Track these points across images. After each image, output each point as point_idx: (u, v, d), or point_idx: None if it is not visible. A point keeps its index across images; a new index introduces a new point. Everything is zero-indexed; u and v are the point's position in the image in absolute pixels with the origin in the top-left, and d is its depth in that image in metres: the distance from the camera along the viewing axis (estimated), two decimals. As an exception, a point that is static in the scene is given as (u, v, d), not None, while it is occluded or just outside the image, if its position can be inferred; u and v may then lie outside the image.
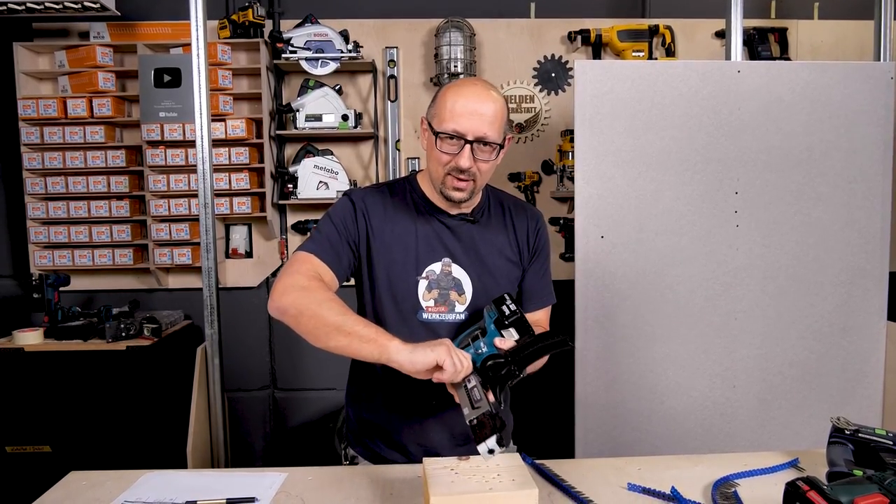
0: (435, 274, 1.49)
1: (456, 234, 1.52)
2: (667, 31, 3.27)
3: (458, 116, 1.38)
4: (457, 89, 1.41)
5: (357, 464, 1.60)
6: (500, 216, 1.59)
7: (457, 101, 1.39)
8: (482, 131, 1.38)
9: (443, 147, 1.41)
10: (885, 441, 1.25)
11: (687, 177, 2.32)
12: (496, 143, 1.41)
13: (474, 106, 1.38)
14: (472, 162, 1.40)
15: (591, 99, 2.29)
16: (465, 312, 1.49)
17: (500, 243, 1.55)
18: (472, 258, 1.51)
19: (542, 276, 1.61)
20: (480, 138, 1.39)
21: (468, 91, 1.40)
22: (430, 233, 1.50)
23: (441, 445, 1.53)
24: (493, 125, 1.39)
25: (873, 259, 2.38)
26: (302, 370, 3.48)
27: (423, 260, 1.48)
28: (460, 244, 1.51)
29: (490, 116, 1.39)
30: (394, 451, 1.55)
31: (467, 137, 1.38)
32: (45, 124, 3.17)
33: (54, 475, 1.40)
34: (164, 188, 3.17)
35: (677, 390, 2.35)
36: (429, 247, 1.49)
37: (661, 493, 1.29)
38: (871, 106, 2.35)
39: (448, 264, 1.49)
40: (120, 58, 3.27)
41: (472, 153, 1.39)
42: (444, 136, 1.40)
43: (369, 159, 3.41)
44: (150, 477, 1.40)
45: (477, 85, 1.42)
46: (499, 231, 1.56)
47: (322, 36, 3.14)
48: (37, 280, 3.04)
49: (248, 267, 3.45)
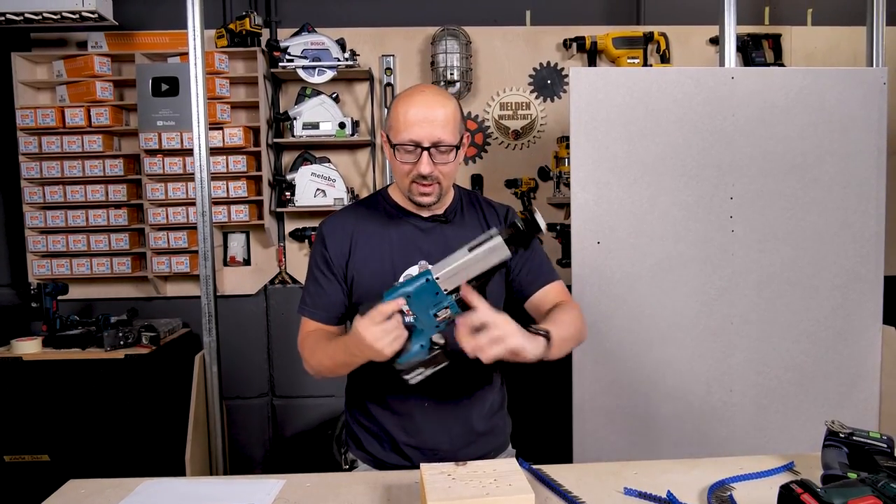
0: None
1: (430, 235, 1.54)
2: (661, 37, 3.29)
3: (412, 125, 1.41)
4: (406, 99, 1.44)
5: (356, 468, 1.61)
6: (474, 214, 1.60)
7: (408, 111, 1.42)
8: (436, 136, 1.41)
9: (402, 157, 1.44)
10: (879, 444, 1.26)
11: (682, 182, 2.34)
12: (452, 145, 1.44)
13: (425, 113, 1.41)
14: (432, 167, 1.43)
15: (587, 106, 2.30)
16: None
17: None
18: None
19: (530, 259, 1.58)
20: (436, 143, 1.42)
21: (417, 99, 1.43)
22: (403, 238, 1.54)
23: (439, 448, 1.54)
24: (447, 128, 1.42)
25: (868, 263, 2.39)
26: (300, 377, 3.48)
27: (398, 265, 1.51)
28: (435, 245, 1.53)
29: (442, 120, 1.42)
30: (392, 454, 1.56)
31: (423, 144, 1.41)
32: (43, 134, 3.18)
33: (53, 484, 1.40)
34: (161, 196, 3.18)
35: (674, 395, 2.36)
36: (403, 251, 1.52)
37: (657, 497, 1.29)
38: (865, 111, 2.37)
39: (424, 267, 1.51)
40: (118, 67, 3.28)
41: (430, 159, 1.42)
42: (400, 146, 1.43)
43: (366, 167, 3.43)
44: (149, 485, 1.40)
45: (425, 92, 1.45)
46: (473, 228, 1.57)
47: (319, 44, 3.16)
48: (35, 289, 3.04)
49: (247, 274, 3.45)
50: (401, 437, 1.55)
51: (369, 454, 1.59)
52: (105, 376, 2.88)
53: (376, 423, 1.57)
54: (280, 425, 3.53)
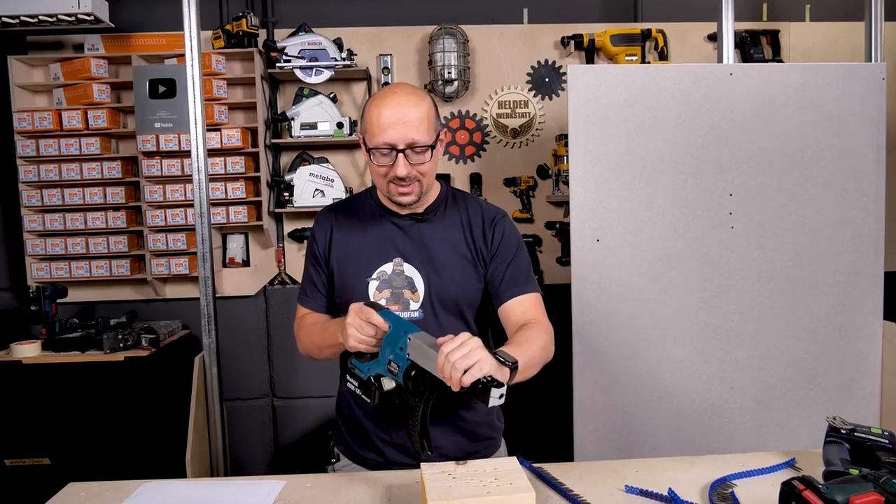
0: (386, 274, 1.53)
1: (407, 233, 1.55)
2: (659, 34, 3.29)
3: (385, 129, 1.41)
4: (379, 102, 1.44)
5: (339, 461, 1.66)
6: (456, 214, 1.59)
7: (381, 114, 1.41)
8: (410, 137, 1.41)
9: (378, 160, 1.44)
10: (880, 440, 1.26)
11: (681, 180, 2.33)
12: (427, 145, 1.44)
13: (397, 115, 1.40)
14: (408, 168, 1.43)
15: (585, 103, 2.30)
16: (419, 310, 1.52)
17: (454, 240, 1.56)
18: (423, 256, 1.54)
19: (508, 266, 1.54)
20: (411, 144, 1.41)
21: (389, 101, 1.43)
22: (381, 235, 1.56)
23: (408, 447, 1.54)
24: (420, 128, 1.42)
25: (868, 259, 2.39)
26: (300, 378, 3.48)
27: (373, 262, 1.54)
28: (412, 243, 1.54)
29: (415, 121, 1.41)
30: (370, 451, 1.58)
31: (398, 147, 1.41)
32: (40, 137, 3.17)
33: (53, 487, 1.40)
34: (160, 198, 3.18)
35: (674, 392, 2.36)
36: (380, 249, 1.55)
37: (658, 494, 1.29)
38: (864, 107, 2.36)
39: (399, 264, 1.53)
40: (115, 69, 3.27)
41: (406, 160, 1.42)
42: (375, 150, 1.43)
43: (364, 166, 3.42)
44: (149, 487, 1.40)
45: (397, 93, 1.44)
46: (454, 229, 1.57)
47: (316, 44, 3.15)
48: (34, 292, 3.04)
49: (246, 276, 3.45)
50: (376, 434, 1.56)
51: (350, 448, 1.62)
52: (105, 379, 2.88)
53: (356, 418, 1.60)
54: (280, 426, 3.53)
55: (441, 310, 1.53)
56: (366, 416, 1.57)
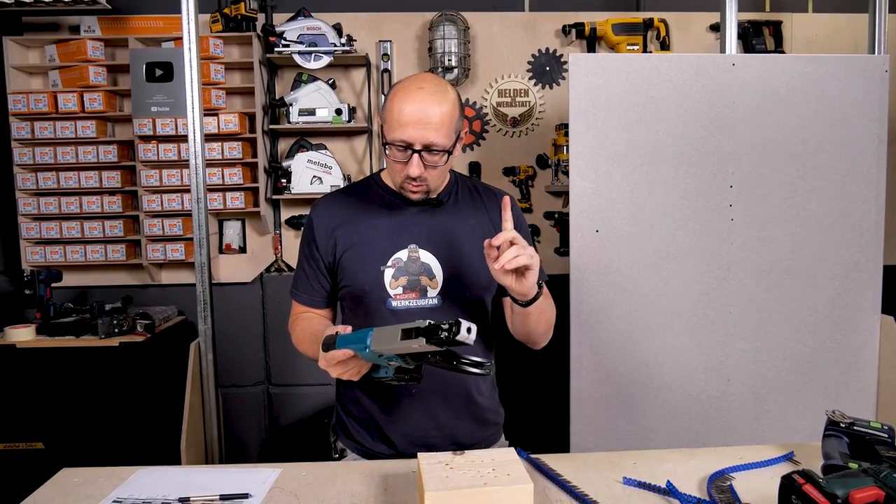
0: (402, 261, 1.49)
1: (421, 219, 1.52)
2: (661, 24, 3.26)
3: (405, 126, 1.37)
4: (403, 95, 1.39)
5: (346, 457, 1.61)
6: (470, 198, 1.58)
7: (403, 109, 1.37)
8: (428, 139, 1.37)
9: (393, 155, 1.42)
10: (880, 434, 1.25)
11: (681, 170, 2.32)
12: (444, 149, 1.40)
13: (419, 115, 1.36)
14: (421, 170, 1.40)
15: (586, 92, 2.28)
16: (437, 297, 1.49)
17: (472, 223, 1.54)
18: (438, 242, 1.51)
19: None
20: (428, 146, 1.38)
21: (414, 97, 1.37)
22: (394, 223, 1.52)
23: (427, 435, 1.53)
24: (441, 130, 1.38)
25: (867, 252, 2.38)
26: (296, 366, 3.47)
27: (388, 250, 1.49)
28: (426, 229, 1.51)
29: (437, 123, 1.37)
30: (380, 443, 1.56)
31: (414, 146, 1.38)
32: (35, 119, 3.14)
33: (47, 472, 1.39)
34: (156, 183, 3.15)
35: (672, 384, 2.36)
36: (394, 236, 1.50)
37: (656, 486, 1.28)
38: (866, 99, 2.35)
39: (415, 250, 1.50)
40: (111, 52, 3.24)
41: (420, 161, 1.39)
42: (391, 144, 1.40)
43: (363, 153, 3.40)
44: (143, 473, 1.39)
45: (424, 88, 1.39)
46: (470, 212, 1.55)
47: (315, 29, 3.12)
48: (28, 276, 3.02)
49: (242, 262, 3.43)
50: (388, 424, 1.54)
51: (358, 443, 1.59)
52: (99, 364, 2.86)
53: (364, 411, 1.57)
54: (276, 414, 3.53)
55: (460, 295, 1.50)
56: (380, 410, 1.54)
